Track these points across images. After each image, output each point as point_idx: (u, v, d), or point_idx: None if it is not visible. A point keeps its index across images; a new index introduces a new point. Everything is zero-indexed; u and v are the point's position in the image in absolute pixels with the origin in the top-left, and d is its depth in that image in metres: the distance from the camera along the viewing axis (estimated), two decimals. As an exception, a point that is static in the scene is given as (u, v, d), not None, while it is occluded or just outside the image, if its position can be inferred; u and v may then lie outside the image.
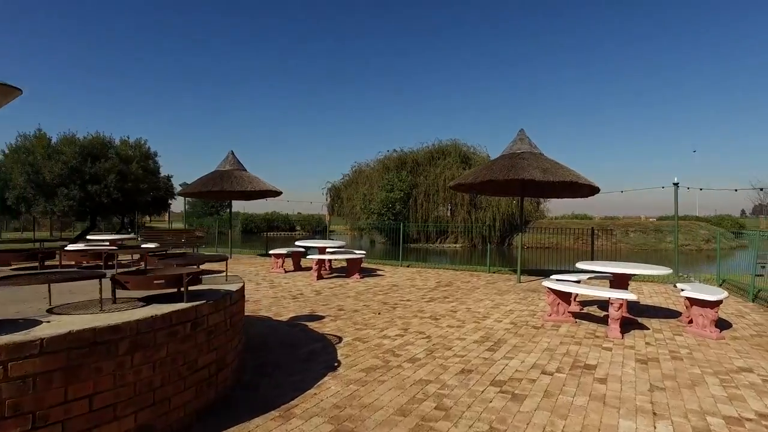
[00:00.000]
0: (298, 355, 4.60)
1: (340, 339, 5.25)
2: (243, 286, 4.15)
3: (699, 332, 5.60)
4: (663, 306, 7.69)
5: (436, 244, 32.82)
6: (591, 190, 10.17)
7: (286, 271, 11.45)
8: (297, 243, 11.36)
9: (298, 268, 11.99)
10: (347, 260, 10.76)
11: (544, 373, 4.17)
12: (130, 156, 20.95)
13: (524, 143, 10.16)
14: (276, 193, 15.18)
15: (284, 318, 6.29)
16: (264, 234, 54.23)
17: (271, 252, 11.61)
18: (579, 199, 11.98)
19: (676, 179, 12.23)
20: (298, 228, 58.18)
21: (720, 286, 10.22)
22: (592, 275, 7.30)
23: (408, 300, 7.88)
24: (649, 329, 5.97)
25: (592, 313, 7.06)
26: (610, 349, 4.96)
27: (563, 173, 9.21)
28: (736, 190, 15.77)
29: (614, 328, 5.50)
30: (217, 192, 14.03)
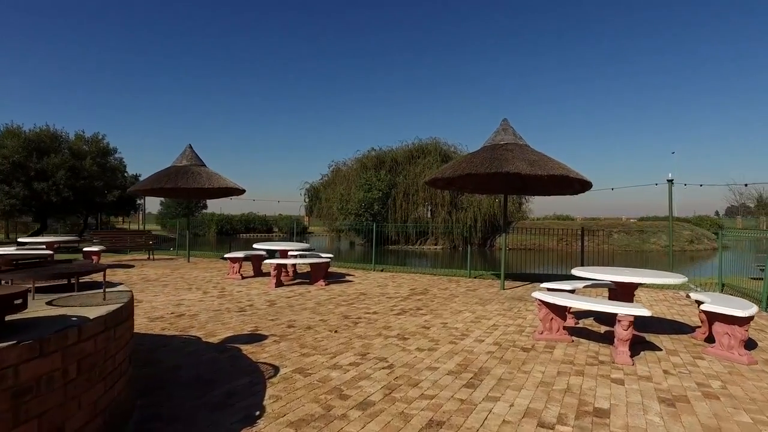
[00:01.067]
0: (210, 399, 3.40)
1: (276, 370, 4.06)
2: (121, 308, 2.93)
3: (725, 355, 4.55)
4: (668, 317, 6.68)
5: (416, 245, 31.76)
6: (582, 186, 9.15)
7: (243, 277, 10.20)
8: (255, 246, 10.12)
9: (258, 273, 10.76)
10: (310, 265, 9.56)
11: (542, 425, 3.04)
12: (84, 151, 19.30)
13: (508, 133, 9.11)
14: (239, 191, 13.90)
15: (217, 339, 5.07)
16: (240, 235, 52.75)
17: (226, 256, 10.35)
18: (561, 198, 11.03)
19: (670, 176, 11.33)
20: (276, 229, 56.62)
21: (722, 291, 9.30)
22: (589, 283, 6.24)
23: (374, 313, 6.71)
24: (661, 350, 4.91)
25: (589, 327, 5.99)
26: (621, 382, 3.87)
27: (552, 166, 8.16)
28: (746, 185, 14.81)
29: (622, 351, 4.41)
30: (171, 189, 12.71)
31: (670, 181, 11.33)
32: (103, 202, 24.02)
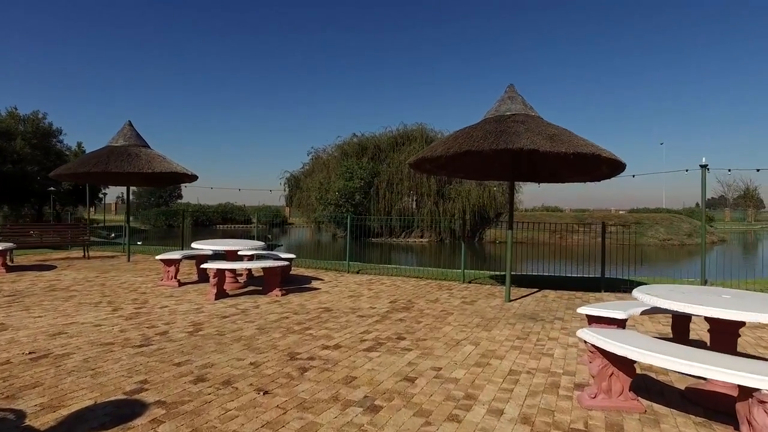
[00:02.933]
0: None
1: None
2: None
3: None
4: (750, 352, 4.75)
5: (401, 238, 29.78)
6: (611, 169, 7.17)
7: (180, 284, 8.09)
8: (195, 245, 7.97)
9: (204, 278, 8.65)
10: (263, 270, 7.49)
11: None
12: (17, 131, 16.56)
13: (516, 102, 7.12)
14: (189, 178, 11.69)
15: (57, 415, 3.00)
16: (217, 226, 50.29)
17: (159, 257, 8.20)
18: (551, 190, 9.11)
19: (704, 160, 9.43)
20: (254, 220, 54.17)
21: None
22: (647, 308, 4.26)
23: (336, 346, 4.68)
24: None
25: (651, 375, 4.03)
26: None
27: (578, 143, 6.18)
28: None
29: (765, 456, 2.43)
30: (100, 174, 10.47)
31: (704, 167, 9.44)
32: (56, 190, 21.56)
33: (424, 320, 5.94)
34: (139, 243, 20.81)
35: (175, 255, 8.15)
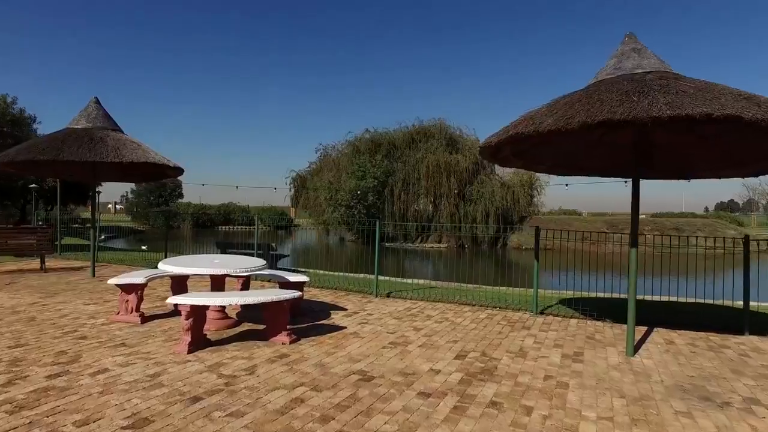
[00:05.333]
0: None
1: None
2: None
3: None
4: None
5: (417, 243, 27.27)
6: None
7: (144, 319, 5.66)
8: (162, 265, 5.44)
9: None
10: (263, 305, 5.01)
11: None
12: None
13: (646, 56, 4.77)
14: (173, 171, 9.26)
15: None
16: (219, 228, 47.95)
17: (113, 281, 5.73)
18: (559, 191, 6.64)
19: None
20: (257, 222, 51.81)
21: None
22: None
23: None
24: None
25: None
26: None
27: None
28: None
29: None
30: (51, 163, 8.07)
31: None
32: (38, 187, 19.31)
33: (533, 404, 3.46)
34: (143, 248, 18.38)
35: (137, 278, 5.70)
